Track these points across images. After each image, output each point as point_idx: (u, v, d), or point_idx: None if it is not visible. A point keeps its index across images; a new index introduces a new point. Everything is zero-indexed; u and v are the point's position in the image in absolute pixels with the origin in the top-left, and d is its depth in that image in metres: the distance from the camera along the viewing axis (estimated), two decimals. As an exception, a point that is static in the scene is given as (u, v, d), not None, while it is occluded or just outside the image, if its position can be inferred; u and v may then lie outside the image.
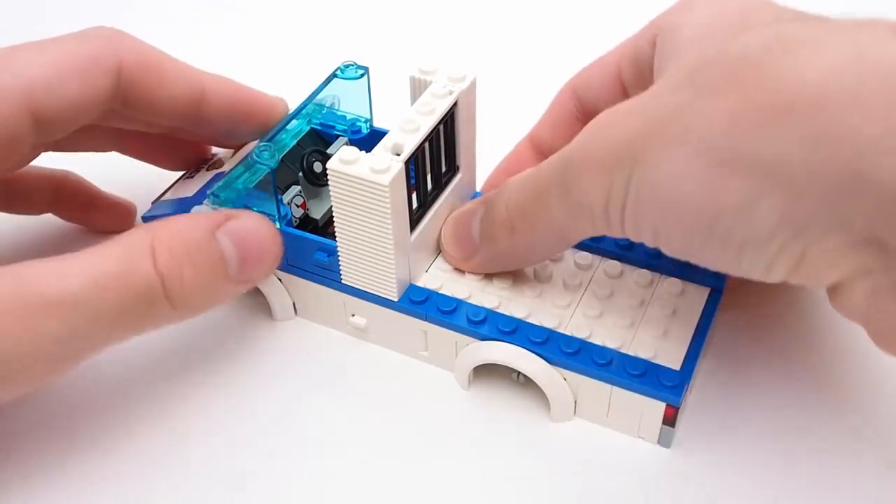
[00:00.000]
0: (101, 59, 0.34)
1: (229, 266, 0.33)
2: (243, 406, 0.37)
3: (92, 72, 0.33)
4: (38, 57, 0.33)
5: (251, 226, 0.34)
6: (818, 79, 0.25)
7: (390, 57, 0.47)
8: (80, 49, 0.33)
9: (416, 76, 0.37)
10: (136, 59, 0.35)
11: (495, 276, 0.37)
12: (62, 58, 0.33)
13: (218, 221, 0.33)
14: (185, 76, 0.37)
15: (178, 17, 0.62)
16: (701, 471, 0.34)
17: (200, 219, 0.33)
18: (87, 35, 0.35)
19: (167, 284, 0.31)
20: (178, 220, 0.33)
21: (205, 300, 0.33)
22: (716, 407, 0.36)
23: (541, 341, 0.34)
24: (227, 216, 0.33)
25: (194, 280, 0.32)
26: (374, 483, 0.34)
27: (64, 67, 0.33)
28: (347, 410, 0.36)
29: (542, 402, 0.35)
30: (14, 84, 0.32)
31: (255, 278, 0.35)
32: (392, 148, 0.33)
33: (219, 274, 0.32)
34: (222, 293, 0.34)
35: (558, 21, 0.61)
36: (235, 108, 0.39)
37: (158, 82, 0.36)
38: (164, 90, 0.36)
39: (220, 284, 0.33)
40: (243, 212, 0.34)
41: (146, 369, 0.38)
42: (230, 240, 0.33)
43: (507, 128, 0.50)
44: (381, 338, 0.38)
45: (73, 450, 0.35)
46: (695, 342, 0.34)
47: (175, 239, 0.31)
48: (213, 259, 0.32)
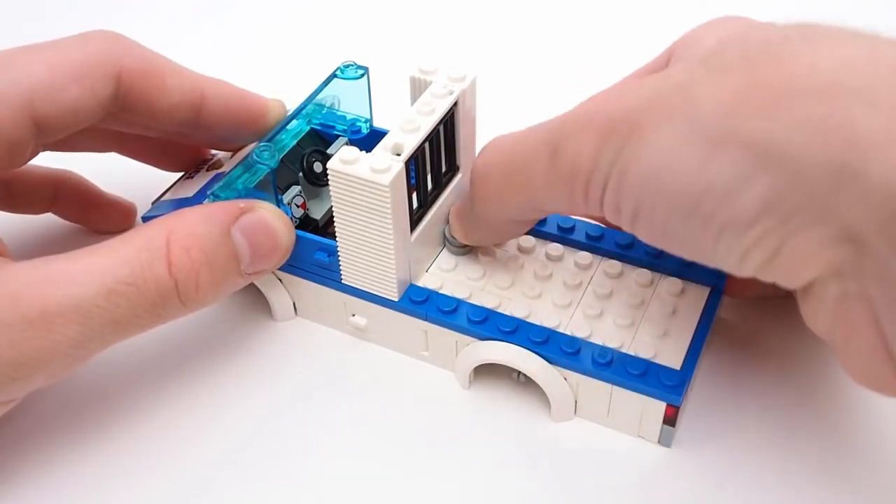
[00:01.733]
0: (101, 65, 0.34)
1: (241, 262, 0.33)
2: (243, 405, 0.37)
3: (92, 77, 0.33)
4: (38, 62, 0.33)
5: (265, 220, 0.34)
6: (830, 68, 0.25)
7: (390, 57, 0.47)
8: (80, 54, 0.33)
9: (416, 76, 0.37)
10: (136, 64, 0.35)
11: (496, 276, 0.37)
12: (62, 63, 0.33)
13: (234, 215, 0.33)
14: (185, 82, 0.37)
15: (179, 17, 0.62)
16: (701, 470, 0.34)
17: (216, 213, 0.33)
18: (87, 39, 0.35)
19: (181, 288, 0.32)
20: (195, 216, 0.33)
21: (215, 296, 0.33)
22: (716, 406, 0.36)
23: (541, 341, 0.34)
24: (241, 209, 0.34)
25: (208, 280, 0.32)
26: (374, 483, 0.34)
27: (64, 73, 0.33)
28: (348, 410, 0.36)
29: (543, 401, 0.35)
30: (14, 89, 0.32)
31: (266, 271, 0.35)
32: (392, 148, 0.33)
33: (231, 271, 0.33)
34: (231, 287, 0.34)
35: (558, 21, 0.61)
36: (234, 112, 0.39)
37: (159, 89, 0.36)
38: (164, 97, 0.36)
39: (231, 280, 0.33)
40: (256, 203, 0.34)
41: (145, 369, 0.38)
42: (244, 236, 0.33)
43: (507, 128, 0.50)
44: (381, 338, 0.38)
45: (71, 449, 0.35)
46: (695, 342, 0.34)
47: (192, 239, 0.32)
48: (228, 257, 0.33)
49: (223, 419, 0.36)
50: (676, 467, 0.34)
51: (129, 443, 0.35)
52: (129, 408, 0.37)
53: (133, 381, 0.38)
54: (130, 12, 0.61)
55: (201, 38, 0.59)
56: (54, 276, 0.30)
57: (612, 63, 0.56)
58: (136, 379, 0.38)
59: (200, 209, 0.33)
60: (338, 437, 0.35)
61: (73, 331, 0.30)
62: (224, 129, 0.39)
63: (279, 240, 0.34)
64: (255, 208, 0.34)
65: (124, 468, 0.35)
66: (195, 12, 0.62)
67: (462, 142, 0.37)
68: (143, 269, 0.31)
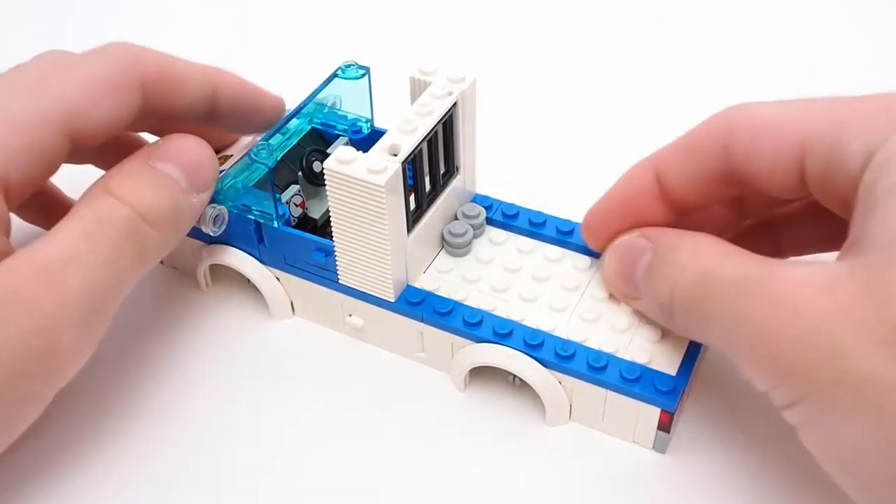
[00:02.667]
0: (127, 77, 0.35)
1: (178, 180, 0.35)
2: (240, 404, 0.37)
3: (121, 90, 0.35)
4: (70, 82, 0.34)
5: (172, 142, 0.35)
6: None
7: (392, 58, 0.47)
8: (107, 69, 0.34)
9: (416, 77, 0.37)
10: (157, 71, 0.36)
11: (493, 278, 0.37)
12: (92, 80, 0.34)
13: (144, 153, 0.35)
14: (201, 79, 0.38)
15: (179, 17, 0.62)
16: (695, 476, 0.34)
17: (131, 158, 0.35)
18: (109, 53, 0.35)
19: (141, 211, 0.33)
20: (116, 167, 0.35)
21: (176, 218, 0.35)
22: (711, 412, 0.36)
23: (536, 344, 0.34)
24: (149, 147, 0.35)
25: (159, 200, 0.34)
26: (369, 484, 0.34)
27: (96, 89, 0.34)
28: (343, 410, 0.36)
29: (538, 405, 0.35)
30: (53, 111, 0.33)
31: (206, 184, 0.36)
32: (389, 148, 0.33)
33: (174, 188, 0.34)
34: (188, 208, 0.35)
35: (559, 22, 0.60)
36: (244, 102, 0.39)
37: (179, 92, 0.37)
38: (184, 99, 0.37)
39: (181, 198, 0.35)
40: (164, 138, 0.36)
41: (143, 368, 0.38)
42: (163, 160, 0.35)
43: (507, 129, 0.50)
44: (377, 338, 0.38)
45: (69, 448, 0.35)
46: (691, 347, 0.34)
47: (122, 177, 0.34)
48: (161, 179, 0.34)
49: (219, 417, 0.36)
50: (671, 473, 0.34)
51: (124, 442, 0.35)
52: (125, 407, 0.37)
53: (128, 379, 0.38)
54: (130, 11, 0.61)
55: (202, 38, 0.59)
56: (34, 245, 0.31)
57: (613, 64, 0.56)
58: (131, 377, 0.38)
59: (118, 165, 0.35)
60: (333, 438, 0.35)
61: (73, 278, 0.31)
62: (234, 118, 0.40)
63: (197, 150, 0.36)
64: (160, 141, 0.36)
65: (119, 468, 0.35)
66: (195, 12, 0.62)
67: (461, 143, 0.37)
68: (98, 210, 0.32)
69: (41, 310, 0.30)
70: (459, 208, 0.39)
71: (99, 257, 0.32)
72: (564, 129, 0.51)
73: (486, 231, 0.39)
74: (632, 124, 0.50)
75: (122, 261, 0.32)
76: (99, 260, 0.32)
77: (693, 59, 0.56)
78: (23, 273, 0.30)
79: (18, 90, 0.33)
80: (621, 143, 0.49)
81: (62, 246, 0.31)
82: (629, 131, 0.49)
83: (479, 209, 0.39)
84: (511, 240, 0.39)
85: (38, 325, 0.30)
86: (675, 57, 0.56)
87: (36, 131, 0.32)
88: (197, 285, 0.41)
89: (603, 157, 0.48)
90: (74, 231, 0.32)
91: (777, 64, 0.55)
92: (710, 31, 0.58)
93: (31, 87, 0.33)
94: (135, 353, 0.38)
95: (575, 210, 0.39)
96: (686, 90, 0.53)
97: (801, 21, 0.59)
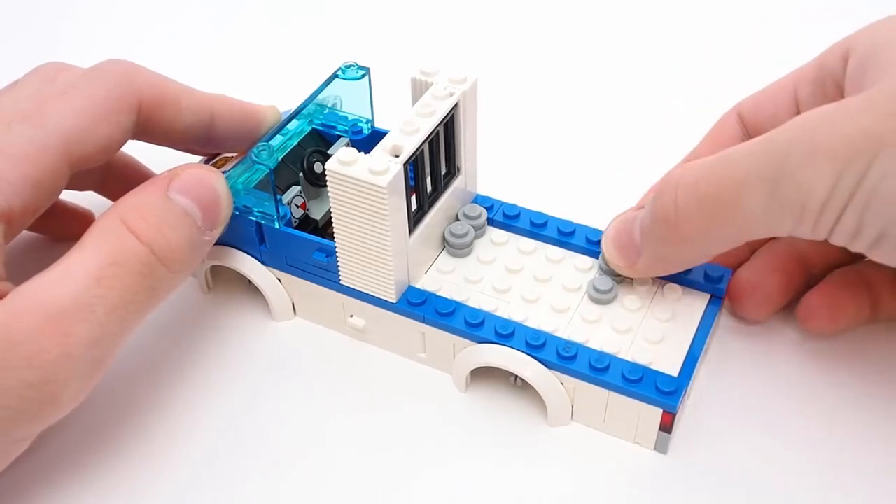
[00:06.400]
0: (122, 98, 0.35)
1: (195, 217, 0.34)
2: (241, 405, 0.37)
3: (117, 114, 0.34)
4: (67, 108, 0.34)
5: (192, 175, 0.34)
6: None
7: (393, 58, 0.47)
8: (102, 92, 0.34)
9: (417, 77, 0.37)
10: (153, 93, 0.36)
11: (495, 279, 0.37)
12: (89, 105, 0.34)
13: (163, 183, 0.34)
14: (197, 104, 0.37)
15: (180, 17, 0.62)
16: (697, 477, 0.34)
17: (147, 187, 0.34)
18: (104, 74, 0.35)
19: (157, 251, 0.32)
20: (130, 196, 0.34)
21: (191, 256, 0.34)
22: (713, 413, 0.36)
23: (538, 345, 0.34)
24: (167, 177, 0.34)
25: (177, 238, 0.33)
26: (371, 484, 0.34)
27: (91, 114, 0.34)
28: (345, 411, 0.36)
29: (540, 405, 0.35)
30: (52, 140, 0.33)
31: (220, 222, 0.35)
32: (391, 149, 0.33)
33: (192, 226, 0.34)
34: (200, 247, 0.34)
35: (560, 22, 0.60)
36: (239, 126, 0.39)
37: (174, 114, 0.37)
38: (179, 121, 0.37)
39: (196, 236, 0.34)
40: (180, 167, 0.35)
41: (144, 369, 0.38)
42: (181, 194, 0.34)
43: (509, 129, 0.50)
44: (379, 339, 0.38)
45: (71, 448, 0.35)
46: (693, 348, 0.34)
47: (141, 210, 0.33)
48: (180, 215, 0.33)
49: (221, 418, 0.36)
50: (672, 474, 0.34)
51: (126, 443, 0.35)
52: (126, 407, 0.37)
53: (131, 381, 0.38)
54: (131, 11, 0.61)
55: (203, 39, 0.59)
56: (43, 286, 0.30)
57: (614, 64, 0.56)
58: (133, 379, 0.38)
59: (133, 191, 0.34)
60: (334, 438, 0.35)
61: (82, 329, 0.30)
62: (230, 140, 0.40)
63: (215, 187, 0.35)
64: (178, 172, 0.34)
65: (121, 468, 0.35)
66: (196, 12, 0.62)
67: (463, 143, 0.37)
68: (115, 247, 0.31)
69: (44, 361, 0.29)
70: (461, 209, 0.39)
71: (110, 303, 0.31)
72: (566, 129, 0.51)
73: (488, 232, 0.39)
74: (633, 125, 0.50)
75: (132, 306, 0.31)
76: (109, 306, 0.30)
77: (694, 60, 0.56)
78: (28, 319, 0.29)
79: (16, 120, 0.33)
80: (622, 143, 0.49)
81: (72, 289, 0.30)
82: (630, 132, 0.49)
83: (480, 210, 0.39)
84: (512, 240, 0.39)
85: (40, 378, 0.29)
86: (677, 57, 0.56)
87: (36, 162, 0.32)
88: (198, 287, 0.41)
89: (604, 157, 0.48)
90: (87, 273, 0.30)
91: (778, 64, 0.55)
92: (711, 31, 0.58)
93: (28, 115, 0.33)
94: (136, 355, 0.38)
95: (576, 210, 0.39)
96: (687, 90, 0.52)
97: (800, 21, 0.59)
